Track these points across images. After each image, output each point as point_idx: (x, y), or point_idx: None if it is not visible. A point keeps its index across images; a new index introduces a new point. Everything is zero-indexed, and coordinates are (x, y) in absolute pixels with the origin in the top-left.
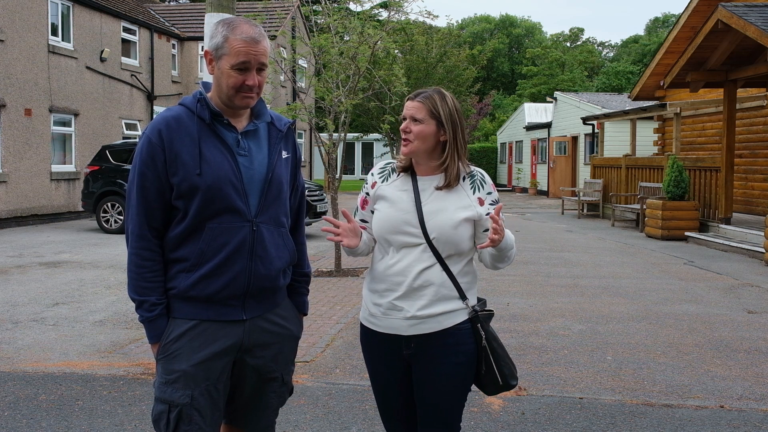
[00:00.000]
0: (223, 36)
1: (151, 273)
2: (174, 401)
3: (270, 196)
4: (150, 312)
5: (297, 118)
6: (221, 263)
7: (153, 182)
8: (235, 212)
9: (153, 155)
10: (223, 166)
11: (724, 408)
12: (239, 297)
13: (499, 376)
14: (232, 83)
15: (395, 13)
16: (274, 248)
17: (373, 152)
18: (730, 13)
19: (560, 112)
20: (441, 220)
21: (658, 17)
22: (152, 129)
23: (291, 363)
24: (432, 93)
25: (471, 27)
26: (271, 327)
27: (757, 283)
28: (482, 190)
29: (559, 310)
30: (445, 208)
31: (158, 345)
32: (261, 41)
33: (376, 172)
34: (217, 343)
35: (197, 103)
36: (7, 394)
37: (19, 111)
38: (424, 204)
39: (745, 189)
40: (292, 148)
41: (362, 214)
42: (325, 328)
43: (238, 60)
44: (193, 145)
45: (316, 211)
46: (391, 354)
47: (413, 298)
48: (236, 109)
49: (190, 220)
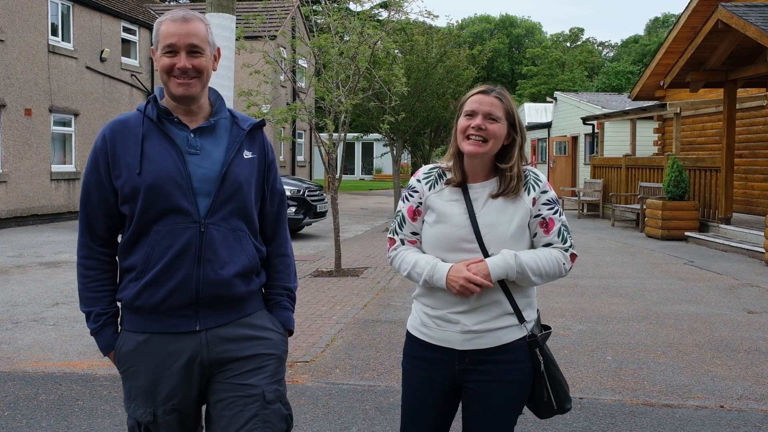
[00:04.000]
0: (156, 25)
1: (95, 282)
2: (138, 419)
3: (222, 195)
4: (95, 323)
5: (297, 118)
6: (165, 268)
7: (96, 188)
8: (181, 212)
9: (97, 160)
10: (167, 164)
11: (724, 408)
12: (190, 306)
13: (554, 401)
14: (162, 68)
15: (395, 13)
16: (227, 252)
17: (373, 152)
18: (730, 13)
19: (560, 112)
20: (500, 234)
21: (658, 17)
22: (99, 134)
23: (273, 380)
24: (503, 90)
25: (471, 27)
26: (238, 337)
27: (757, 283)
28: (536, 190)
29: (559, 310)
30: (502, 220)
31: (112, 355)
32: (190, 21)
33: (422, 178)
34: (173, 357)
35: (147, 104)
36: (7, 394)
37: (19, 111)
38: (478, 216)
39: (745, 189)
40: (259, 148)
41: (413, 226)
42: (325, 328)
43: (165, 42)
44: (136, 145)
45: (316, 211)
46: (440, 368)
47: (471, 313)
48: (178, 100)
49: (136, 223)
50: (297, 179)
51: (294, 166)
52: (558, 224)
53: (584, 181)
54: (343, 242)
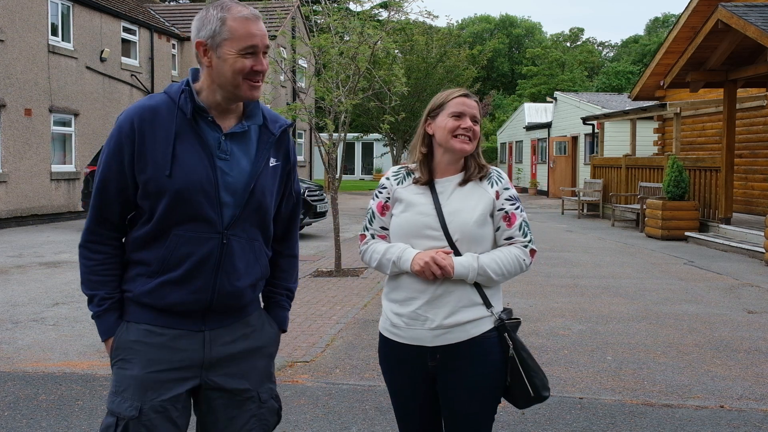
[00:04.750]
0: (220, 19)
1: (102, 266)
2: (121, 413)
3: (249, 208)
4: (99, 306)
5: (297, 118)
6: (183, 275)
7: (116, 176)
8: (205, 221)
9: (121, 146)
10: (197, 170)
11: (724, 408)
12: (199, 312)
13: (530, 387)
14: (239, 68)
15: (395, 13)
16: (244, 264)
17: (373, 152)
18: (730, 13)
19: (560, 112)
20: (463, 220)
21: (658, 17)
22: (125, 118)
23: (268, 380)
24: (473, 94)
25: (471, 27)
26: (237, 338)
27: (757, 283)
28: (499, 185)
29: (559, 310)
30: (466, 207)
31: (110, 343)
32: (260, 20)
33: (392, 175)
34: (174, 355)
35: (181, 94)
36: (7, 394)
37: (19, 111)
38: (444, 205)
39: (745, 189)
40: (283, 155)
41: (382, 221)
42: (325, 328)
43: (246, 43)
44: (167, 142)
45: (316, 211)
46: (414, 366)
47: (437, 306)
48: (240, 100)
49: (156, 223)
50: None
51: None
52: (519, 219)
53: (584, 181)
54: (343, 242)
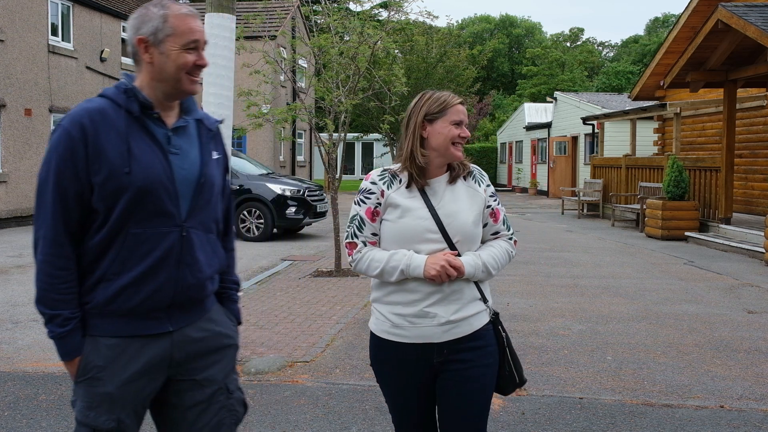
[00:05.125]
0: (162, 16)
1: (65, 284)
2: (98, 427)
3: (202, 199)
4: (63, 327)
5: (297, 118)
6: (145, 272)
7: (72, 182)
8: (165, 216)
9: (73, 151)
10: (154, 165)
11: (724, 408)
12: (163, 309)
13: (516, 374)
14: (182, 63)
15: (395, 13)
16: (204, 255)
17: (373, 152)
18: (730, 13)
19: (560, 112)
20: (461, 222)
21: (658, 17)
22: (71, 121)
23: (233, 371)
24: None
25: (471, 27)
26: (202, 335)
27: (757, 283)
28: (484, 183)
29: (559, 310)
30: (461, 209)
31: (74, 363)
32: (198, 16)
33: (377, 179)
34: (144, 360)
35: (123, 94)
36: (7, 394)
37: (19, 111)
38: (438, 208)
39: (745, 189)
40: (222, 148)
41: (373, 227)
42: (325, 328)
43: (189, 38)
44: (121, 141)
45: (316, 211)
46: (418, 365)
47: (446, 303)
48: (182, 95)
49: (113, 224)
50: (297, 179)
51: (294, 166)
52: (502, 214)
53: (584, 181)
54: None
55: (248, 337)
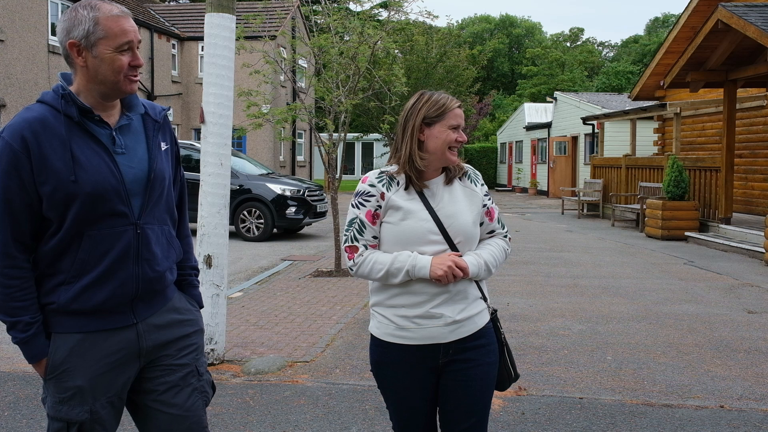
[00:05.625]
0: (93, 19)
1: (21, 291)
2: (72, 419)
3: (154, 194)
4: (25, 332)
5: (297, 118)
6: (105, 272)
7: (18, 194)
8: (118, 216)
9: (17, 164)
10: (101, 169)
11: (724, 408)
12: (127, 303)
13: (512, 369)
14: (118, 67)
15: (395, 13)
16: (161, 249)
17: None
18: (730, 13)
19: (560, 112)
20: (462, 223)
21: (658, 17)
22: (12, 134)
23: (201, 354)
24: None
25: (471, 27)
26: (167, 322)
27: (757, 283)
28: (479, 183)
29: (559, 310)
30: (461, 210)
31: (42, 364)
32: (131, 16)
33: (376, 182)
34: (111, 351)
35: (61, 99)
36: (7, 394)
37: (19, 111)
38: (437, 209)
39: (745, 189)
40: (170, 138)
41: (373, 230)
42: (325, 328)
43: (122, 40)
44: (64, 148)
45: (316, 211)
46: (423, 367)
47: (452, 303)
48: (121, 95)
49: (67, 230)
50: (297, 179)
51: (294, 166)
52: (497, 212)
53: (584, 181)
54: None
55: (248, 337)
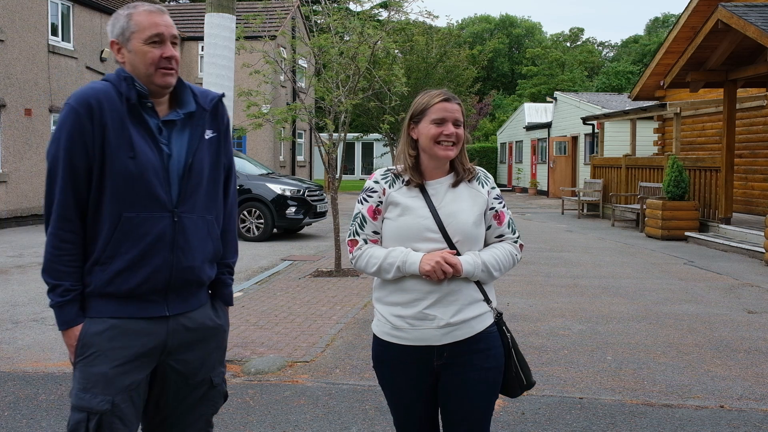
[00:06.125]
0: (126, 16)
1: (69, 257)
2: (93, 408)
3: (190, 185)
4: (62, 297)
5: (297, 118)
6: (140, 255)
7: (82, 159)
8: (156, 201)
9: (81, 128)
10: (147, 152)
11: (724, 408)
12: (161, 291)
13: (524, 376)
14: (149, 59)
15: (395, 13)
16: (197, 239)
17: (373, 152)
18: (730, 13)
19: (560, 112)
20: (461, 222)
21: (658, 17)
22: (78, 100)
23: (220, 364)
24: (454, 95)
25: (471, 27)
26: (195, 326)
27: (757, 283)
28: (488, 185)
29: (559, 310)
30: (462, 209)
31: (71, 334)
32: (165, 13)
33: (380, 179)
34: (141, 343)
35: (123, 81)
36: (7, 394)
37: (19, 111)
38: (439, 208)
39: (745, 189)
40: (220, 123)
41: (374, 225)
42: (325, 328)
43: (151, 33)
44: (122, 126)
45: (316, 211)
46: (418, 367)
47: (445, 304)
48: (157, 88)
49: (108, 207)
50: (297, 179)
51: (294, 166)
52: (507, 216)
53: (584, 181)
54: (342, 242)
55: (248, 337)
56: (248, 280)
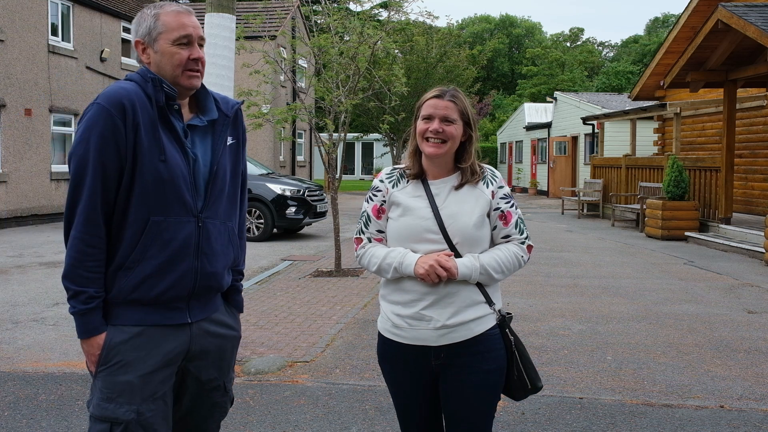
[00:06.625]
0: (154, 16)
1: (94, 262)
2: (118, 418)
3: (215, 190)
4: (86, 304)
5: (297, 118)
6: (167, 261)
7: (113, 161)
8: (183, 206)
9: (114, 129)
10: (175, 156)
11: (724, 408)
12: (184, 298)
13: (528, 380)
14: (177, 61)
15: (395, 13)
16: (220, 245)
17: (373, 152)
18: (730, 13)
19: (560, 112)
20: (462, 223)
21: (658, 17)
22: (109, 100)
23: (232, 370)
24: (455, 92)
25: (471, 27)
26: (214, 331)
27: (757, 283)
28: (494, 184)
29: (559, 310)
30: (463, 210)
31: (93, 342)
32: (192, 14)
33: (385, 178)
34: (165, 351)
35: (150, 83)
36: (7, 394)
37: (19, 111)
38: (441, 209)
39: (745, 189)
40: (237, 132)
41: (378, 224)
42: (325, 328)
43: (180, 33)
44: (153, 128)
45: (316, 211)
46: (417, 366)
47: (442, 306)
48: (182, 90)
49: (135, 211)
50: (297, 179)
51: (294, 166)
52: (515, 217)
53: (584, 181)
54: (343, 242)
55: (248, 337)
56: (248, 280)
